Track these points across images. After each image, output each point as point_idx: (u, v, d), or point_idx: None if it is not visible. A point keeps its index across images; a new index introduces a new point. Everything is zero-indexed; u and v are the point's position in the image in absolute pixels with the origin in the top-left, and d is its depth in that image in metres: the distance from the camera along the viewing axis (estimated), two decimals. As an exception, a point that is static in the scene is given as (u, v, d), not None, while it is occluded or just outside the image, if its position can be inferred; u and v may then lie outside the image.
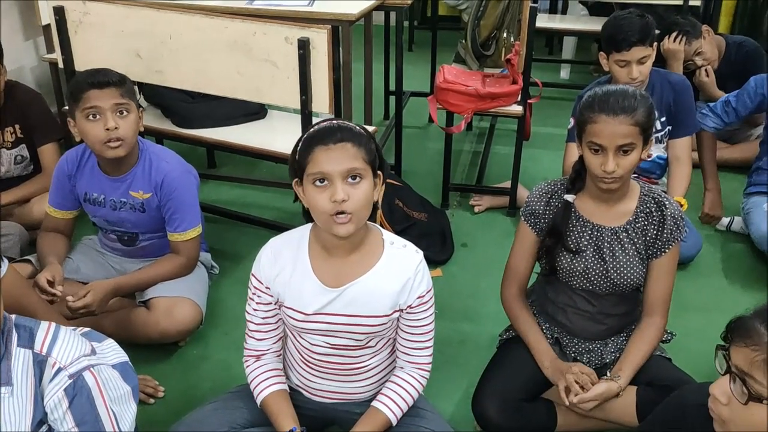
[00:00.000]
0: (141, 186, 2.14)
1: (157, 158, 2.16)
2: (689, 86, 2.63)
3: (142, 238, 2.26)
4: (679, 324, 2.07)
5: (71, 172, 2.19)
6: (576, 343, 1.85)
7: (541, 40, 5.09)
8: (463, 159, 3.58)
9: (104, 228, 2.27)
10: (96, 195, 2.19)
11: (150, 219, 2.19)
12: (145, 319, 2.12)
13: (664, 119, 2.58)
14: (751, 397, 1.06)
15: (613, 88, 1.67)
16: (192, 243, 2.20)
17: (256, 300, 1.59)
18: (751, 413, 1.07)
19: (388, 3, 2.93)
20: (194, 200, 2.20)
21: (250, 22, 2.27)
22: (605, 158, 1.63)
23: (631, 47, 2.38)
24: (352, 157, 1.39)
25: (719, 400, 1.11)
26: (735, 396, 1.09)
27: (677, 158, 2.63)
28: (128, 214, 2.18)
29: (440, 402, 2.01)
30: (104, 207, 2.19)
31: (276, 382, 1.61)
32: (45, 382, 1.27)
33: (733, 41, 3.41)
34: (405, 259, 1.53)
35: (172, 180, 2.14)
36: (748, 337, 1.08)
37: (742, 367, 1.08)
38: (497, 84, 2.93)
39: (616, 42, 2.40)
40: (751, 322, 1.09)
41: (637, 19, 2.40)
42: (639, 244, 1.75)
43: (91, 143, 2.05)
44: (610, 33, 2.44)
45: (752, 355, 1.06)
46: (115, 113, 2.02)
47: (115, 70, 2.07)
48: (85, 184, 2.19)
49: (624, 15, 2.45)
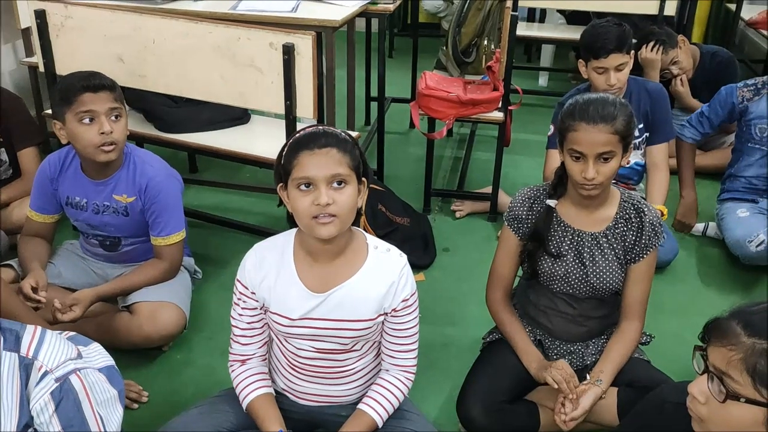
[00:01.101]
0: (125, 189, 2.14)
1: (141, 162, 2.16)
2: (666, 94, 2.69)
3: (124, 243, 2.25)
4: (656, 326, 2.12)
5: (53, 175, 2.18)
6: (558, 345, 1.88)
7: (520, 47, 5.15)
8: (444, 164, 3.62)
9: (86, 232, 2.26)
10: (78, 199, 2.17)
11: (133, 223, 2.18)
12: (128, 323, 2.11)
13: (641, 126, 2.64)
14: (728, 396, 1.09)
15: (594, 97, 1.70)
16: (175, 247, 2.19)
17: (241, 305, 1.59)
18: (729, 411, 1.10)
19: (371, 10, 2.95)
20: (178, 204, 2.19)
21: (235, 28, 2.28)
22: (585, 165, 1.66)
23: (608, 54, 2.43)
24: (337, 163, 1.41)
25: (698, 399, 1.14)
26: (713, 395, 1.11)
27: (655, 165, 2.69)
28: (111, 218, 2.17)
29: (425, 404, 2.03)
30: (86, 211, 2.17)
31: (262, 386, 1.61)
32: (31, 386, 1.26)
33: (707, 51, 3.49)
34: (389, 263, 1.54)
35: (157, 184, 2.13)
36: (724, 337, 1.11)
37: (719, 366, 1.10)
38: (478, 91, 2.97)
39: (594, 49, 2.46)
40: (727, 322, 1.12)
41: (615, 28, 2.46)
42: (618, 250, 1.78)
43: (83, 146, 2.03)
44: (589, 41, 2.49)
45: (729, 354, 1.09)
46: (110, 117, 2.01)
47: (104, 74, 2.07)
48: (67, 187, 2.18)
49: (602, 23, 2.51)
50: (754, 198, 2.79)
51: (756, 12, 4.46)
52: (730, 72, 3.37)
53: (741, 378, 1.08)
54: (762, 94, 2.74)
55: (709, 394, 1.12)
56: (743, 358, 1.08)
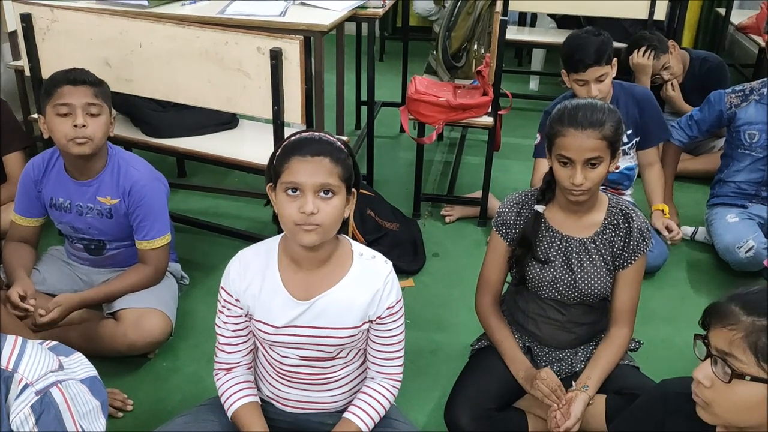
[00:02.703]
0: (109, 191, 2.12)
1: (125, 164, 2.14)
2: (652, 97, 2.70)
3: (109, 247, 2.23)
4: (646, 333, 2.11)
5: (37, 177, 2.16)
6: (546, 352, 1.87)
7: (511, 51, 5.15)
8: (434, 169, 3.61)
9: (70, 236, 2.23)
10: (62, 200, 2.15)
11: (117, 226, 2.16)
12: (113, 330, 2.09)
13: (630, 132, 2.64)
14: (734, 375, 1.11)
15: (582, 102, 1.70)
16: (160, 252, 2.17)
17: (226, 313, 1.58)
18: (735, 392, 1.12)
19: (360, 14, 2.94)
20: (163, 208, 2.17)
21: (222, 32, 2.26)
22: (574, 171, 1.66)
23: (587, 68, 2.44)
24: (328, 173, 1.40)
25: (703, 383, 1.15)
26: (718, 377, 1.13)
27: (649, 164, 2.70)
28: (95, 220, 2.15)
29: (412, 412, 2.02)
30: (70, 213, 2.15)
31: (247, 395, 1.60)
32: (11, 399, 1.24)
33: (697, 56, 3.50)
34: (374, 270, 1.53)
35: (141, 187, 2.11)
36: (724, 319, 1.13)
37: (722, 348, 1.13)
38: (468, 95, 2.96)
39: (572, 63, 2.47)
40: (726, 305, 1.15)
41: (593, 39, 2.45)
42: (606, 255, 1.78)
43: (57, 139, 2.03)
44: (567, 54, 2.50)
45: (731, 334, 1.12)
46: (86, 112, 2.01)
47: (92, 73, 2.07)
48: (51, 189, 2.16)
49: (580, 35, 2.51)
50: (743, 203, 2.79)
51: (746, 16, 4.49)
52: (720, 77, 3.39)
53: (744, 356, 1.10)
54: (750, 100, 2.75)
55: (714, 377, 1.14)
56: (744, 336, 1.10)
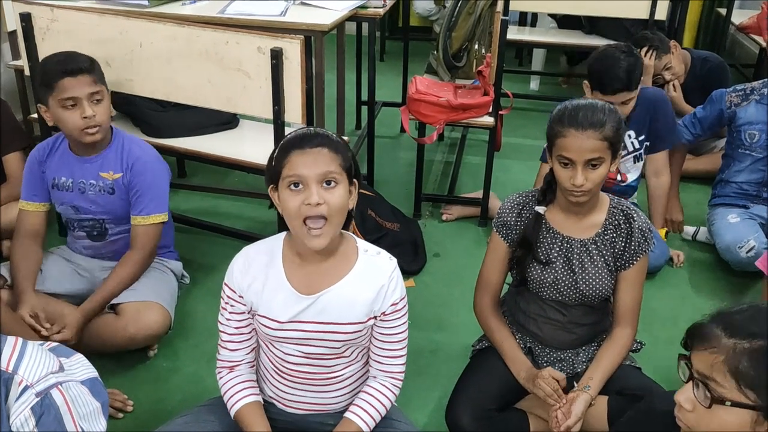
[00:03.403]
0: (112, 167, 2.15)
1: (130, 142, 2.20)
2: (666, 99, 2.68)
3: (111, 232, 2.24)
4: (647, 333, 2.11)
5: (42, 158, 2.20)
6: (548, 353, 1.87)
7: (511, 51, 5.15)
8: (435, 169, 3.60)
9: (72, 222, 2.24)
10: (64, 179, 2.18)
11: (119, 202, 2.18)
12: (114, 325, 2.10)
13: (642, 137, 2.61)
14: (714, 400, 1.08)
15: (583, 103, 1.69)
16: (152, 230, 2.17)
17: (229, 310, 1.57)
18: (716, 417, 1.09)
19: (361, 14, 2.94)
20: (164, 187, 2.20)
21: (223, 32, 2.26)
22: (574, 172, 1.65)
23: (615, 93, 2.39)
24: (328, 162, 1.40)
25: (684, 407, 1.13)
26: (699, 401, 1.11)
27: (656, 173, 2.68)
28: (96, 197, 2.17)
29: (413, 412, 2.01)
30: (72, 191, 2.18)
31: (250, 394, 1.59)
32: (11, 401, 1.24)
33: (698, 56, 3.49)
34: (379, 267, 1.53)
35: (144, 163, 2.16)
36: (706, 341, 1.10)
37: (703, 371, 1.10)
38: (469, 95, 2.96)
39: (601, 84, 2.41)
40: (708, 327, 1.12)
41: (625, 61, 2.37)
42: (607, 256, 1.77)
43: (69, 130, 2.08)
44: (597, 72, 2.42)
45: (711, 358, 1.08)
46: (91, 101, 2.05)
47: (83, 54, 2.09)
48: (54, 168, 2.19)
49: (613, 54, 2.40)
50: (744, 203, 2.79)
51: (746, 16, 4.48)
52: (722, 77, 3.38)
53: (725, 381, 1.07)
54: (751, 100, 2.75)
55: (695, 401, 1.11)
56: (725, 360, 1.07)
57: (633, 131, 2.62)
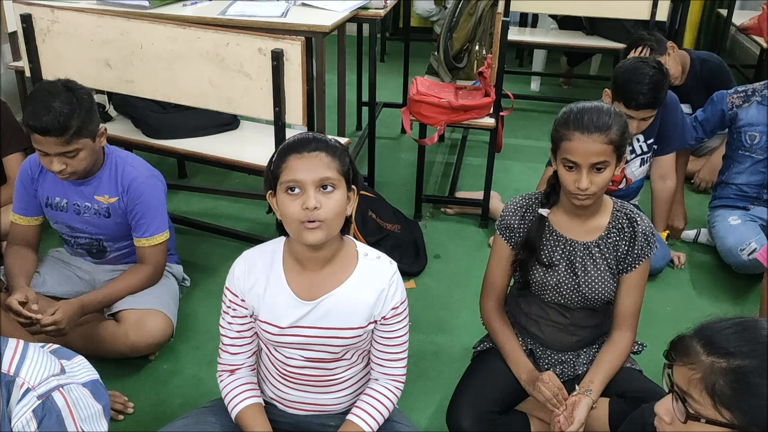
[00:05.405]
0: (107, 190, 2.12)
1: (123, 162, 2.14)
2: (677, 100, 2.67)
3: (110, 250, 2.22)
4: (648, 335, 2.11)
5: (34, 175, 2.15)
6: (549, 355, 1.86)
7: (512, 52, 5.15)
8: (435, 170, 3.60)
9: (68, 237, 2.22)
10: (58, 199, 2.15)
11: (115, 225, 2.16)
12: (114, 332, 2.08)
13: (651, 141, 2.60)
14: (689, 416, 1.06)
15: (588, 106, 1.68)
16: (158, 249, 2.16)
17: (230, 313, 1.57)
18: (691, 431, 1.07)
19: (361, 15, 2.94)
20: (161, 205, 2.17)
21: (223, 33, 2.25)
22: (579, 175, 1.64)
23: (639, 108, 2.38)
24: (326, 167, 1.40)
25: (663, 419, 1.12)
26: (676, 415, 1.09)
27: (662, 176, 2.67)
28: (92, 219, 2.15)
29: (414, 414, 2.01)
30: (66, 212, 2.15)
31: (251, 396, 1.59)
32: (12, 403, 1.23)
33: (698, 57, 3.48)
34: (379, 271, 1.53)
35: (139, 185, 2.11)
36: (686, 356, 1.08)
37: (681, 385, 1.08)
38: (470, 96, 2.95)
39: (626, 98, 2.38)
40: (688, 341, 1.10)
41: (653, 77, 2.34)
42: (610, 260, 1.77)
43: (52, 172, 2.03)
44: (623, 85, 2.38)
45: (689, 373, 1.07)
46: (62, 157, 1.97)
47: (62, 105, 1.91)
48: (47, 188, 2.15)
49: (642, 69, 2.36)
50: (745, 205, 2.79)
51: (747, 17, 4.48)
52: (723, 77, 3.37)
53: (701, 398, 1.05)
54: (752, 102, 2.74)
55: (674, 414, 1.10)
56: (702, 378, 1.05)
57: (642, 134, 2.61)
